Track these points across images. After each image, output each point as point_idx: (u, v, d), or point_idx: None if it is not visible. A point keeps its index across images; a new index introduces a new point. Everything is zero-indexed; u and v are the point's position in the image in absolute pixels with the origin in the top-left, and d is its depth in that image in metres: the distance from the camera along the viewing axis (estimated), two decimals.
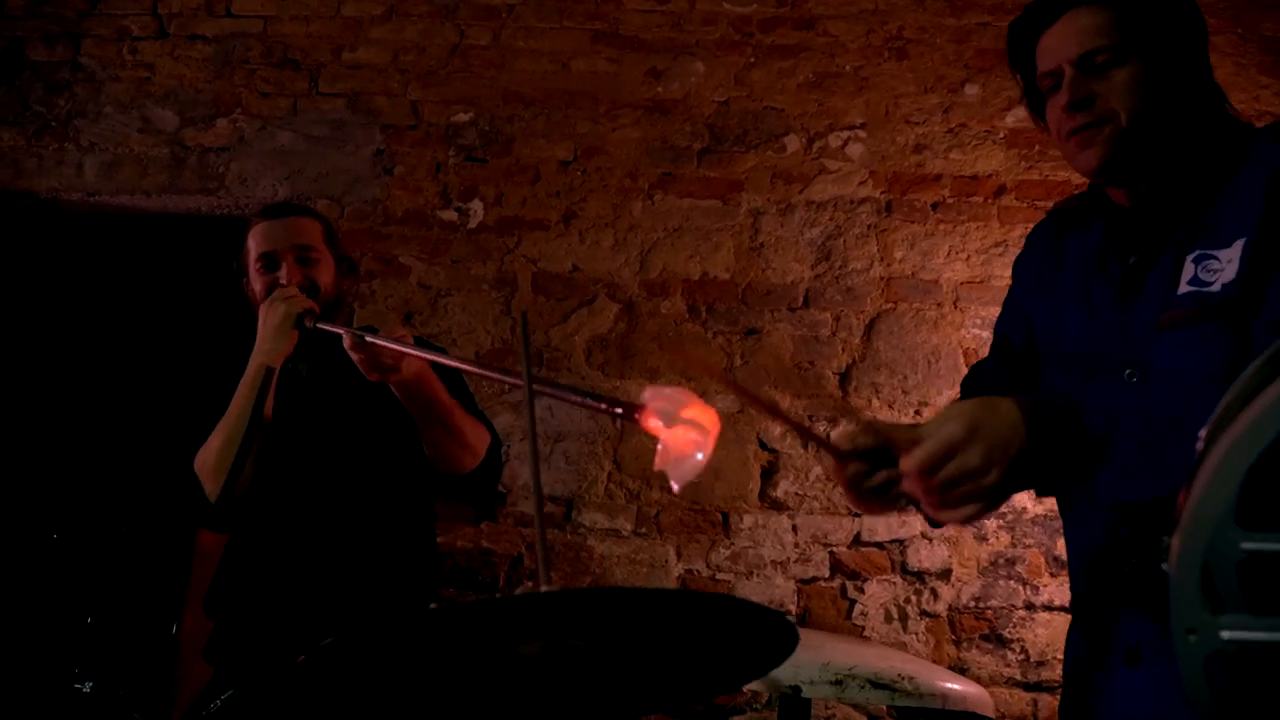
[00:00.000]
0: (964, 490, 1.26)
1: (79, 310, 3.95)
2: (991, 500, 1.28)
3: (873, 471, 1.39)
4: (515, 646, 1.14)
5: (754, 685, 2.52)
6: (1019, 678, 3.11)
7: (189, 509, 2.22)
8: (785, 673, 2.12)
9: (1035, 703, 3.10)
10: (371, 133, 3.55)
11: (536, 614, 1.09)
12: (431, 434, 2.13)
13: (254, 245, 2.23)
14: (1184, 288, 1.35)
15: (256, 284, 2.21)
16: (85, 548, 3.30)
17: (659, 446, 1.23)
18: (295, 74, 3.60)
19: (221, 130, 3.57)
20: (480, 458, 2.20)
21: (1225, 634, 0.61)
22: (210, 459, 2.10)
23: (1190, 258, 1.35)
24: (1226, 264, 1.32)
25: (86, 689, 2.54)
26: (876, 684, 2.11)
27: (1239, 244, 1.31)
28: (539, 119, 3.53)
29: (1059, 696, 3.14)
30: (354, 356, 1.97)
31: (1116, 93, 1.38)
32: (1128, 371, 1.38)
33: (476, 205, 3.48)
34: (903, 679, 2.13)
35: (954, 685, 2.23)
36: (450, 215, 3.47)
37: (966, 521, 1.31)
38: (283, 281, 2.16)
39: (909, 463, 1.28)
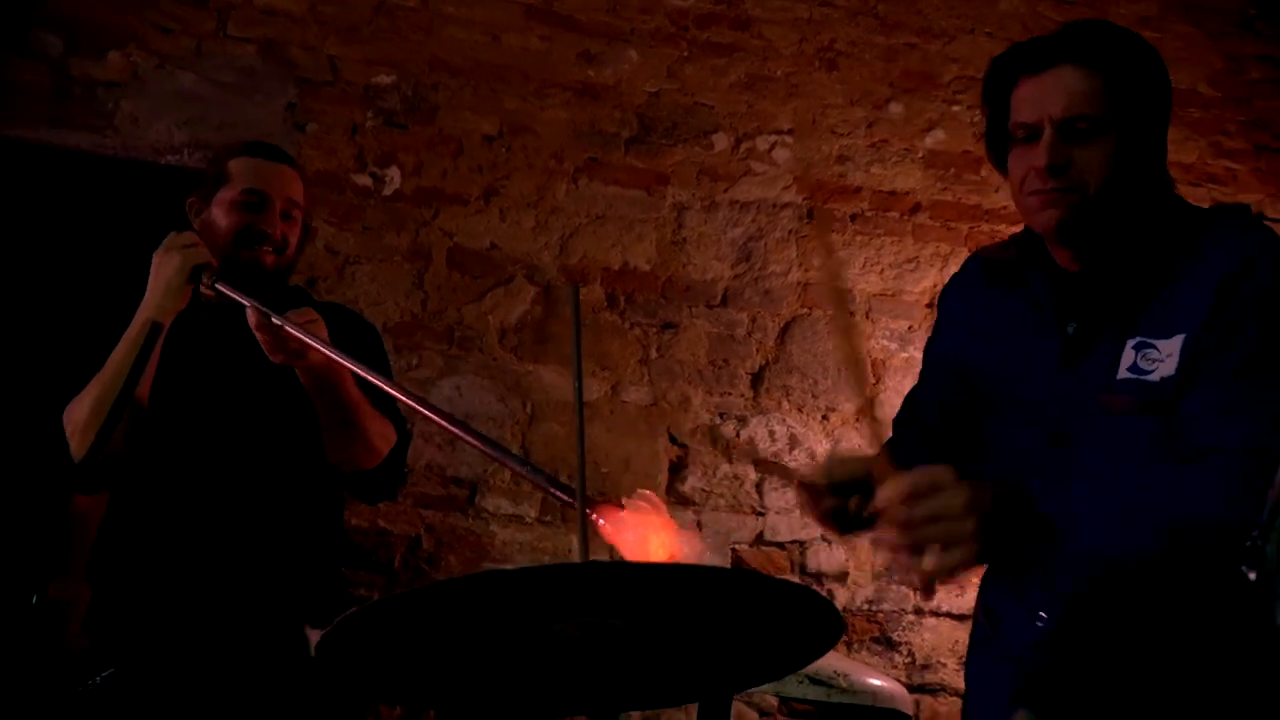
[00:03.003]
0: (942, 530, 1.25)
1: None
2: (970, 551, 1.26)
3: (846, 503, 1.47)
4: (550, 625, 1.16)
5: None
6: (905, 679, 3.31)
7: (51, 468, 2.12)
8: None
9: (918, 704, 3.31)
10: (284, 85, 3.48)
11: (574, 589, 1.11)
12: (332, 428, 2.06)
13: (239, 177, 2.13)
14: (1123, 373, 1.43)
15: (225, 217, 2.11)
16: None
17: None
18: (202, 12, 3.48)
19: (114, 64, 3.41)
20: (381, 458, 2.13)
21: None
22: (79, 416, 2.01)
23: (1131, 343, 1.44)
24: (1166, 357, 1.41)
25: None
26: (814, 680, 2.24)
27: (1179, 339, 1.40)
28: (465, 90, 3.53)
29: (939, 699, 3.37)
30: (258, 336, 1.90)
31: (1091, 164, 1.45)
32: (1056, 437, 1.49)
33: (394, 172, 3.45)
34: (838, 675, 2.27)
35: (881, 683, 2.39)
36: (365, 180, 3.44)
37: (952, 572, 1.28)
38: (267, 230, 2.11)
39: (890, 491, 1.28)
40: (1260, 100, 3.89)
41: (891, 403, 3.45)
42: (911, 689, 3.31)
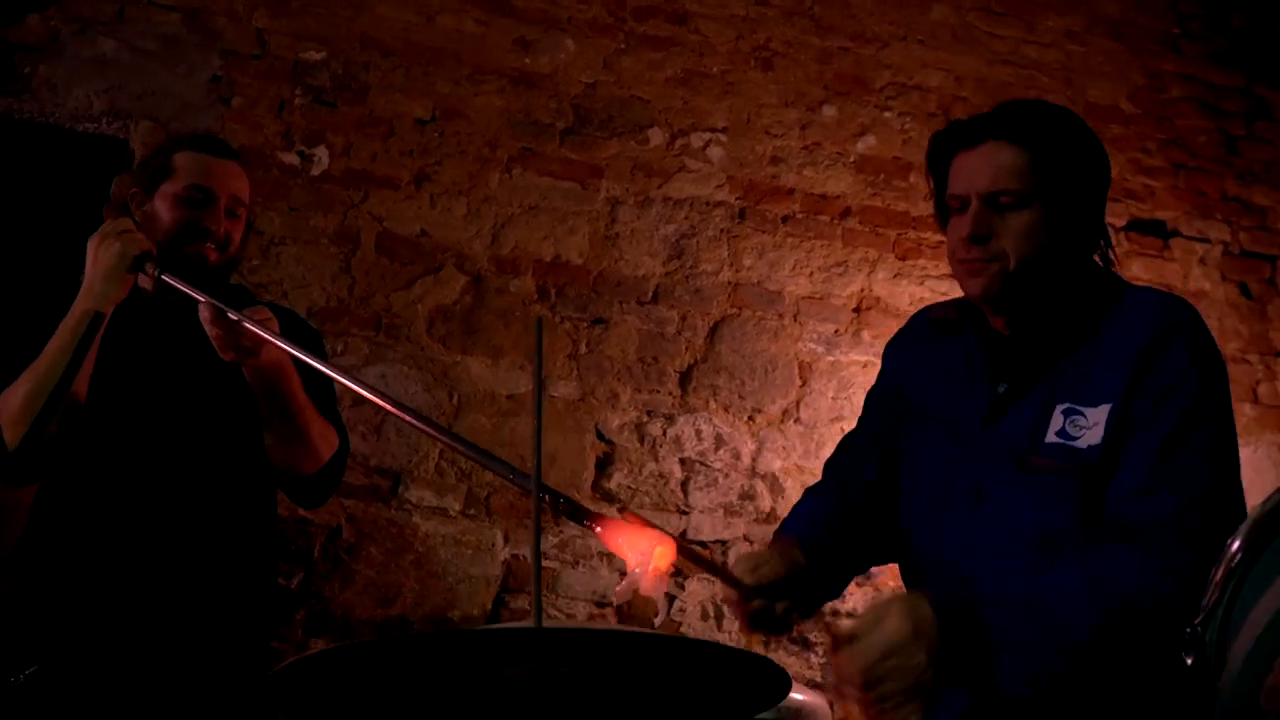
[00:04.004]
0: (903, 692, 1.31)
1: None
2: (929, 691, 1.33)
3: (772, 605, 1.52)
4: (500, 669, 1.18)
5: None
6: (819, 679, 3.40)
7: None
8: None
9: (832, 704, 3.40)
10: (209, 56, 3.40)
11: (525, 646, 1.14)
12: (275, 429, 2.05)
13: (184, 172, 2.11)
14: (1052, 436, 1.51)
15: (169, 212, 2.09)
16: None
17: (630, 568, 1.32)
18: None
19: (32, 26, 3.30)
20: (322, 463, 2.14)
21: None
22: (13, 405, 1.97)
23: (1060, 408, 1.52)
24: (1093, 425, 1.49)
25: None
26: None
27: (1105, 409, 1.48)
28: (397, 71, 3.49)
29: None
30: (210, 331, 1.88)
31: (1011, 235, 1.54)
32: (972, 494, 1.56)
33: (322, 152, 3.40)
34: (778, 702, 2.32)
35: (804, 697, 2.46)
36: (292, 159, 3.38)
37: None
38: (210, 227, 2.07)
39: (849, 662, 1.33)
40: (1180, 119, 4.04)
41: (816, 405, 3.54)
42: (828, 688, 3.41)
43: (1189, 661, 1.00)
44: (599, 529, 1.31)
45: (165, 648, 2.00)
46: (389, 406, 1.55)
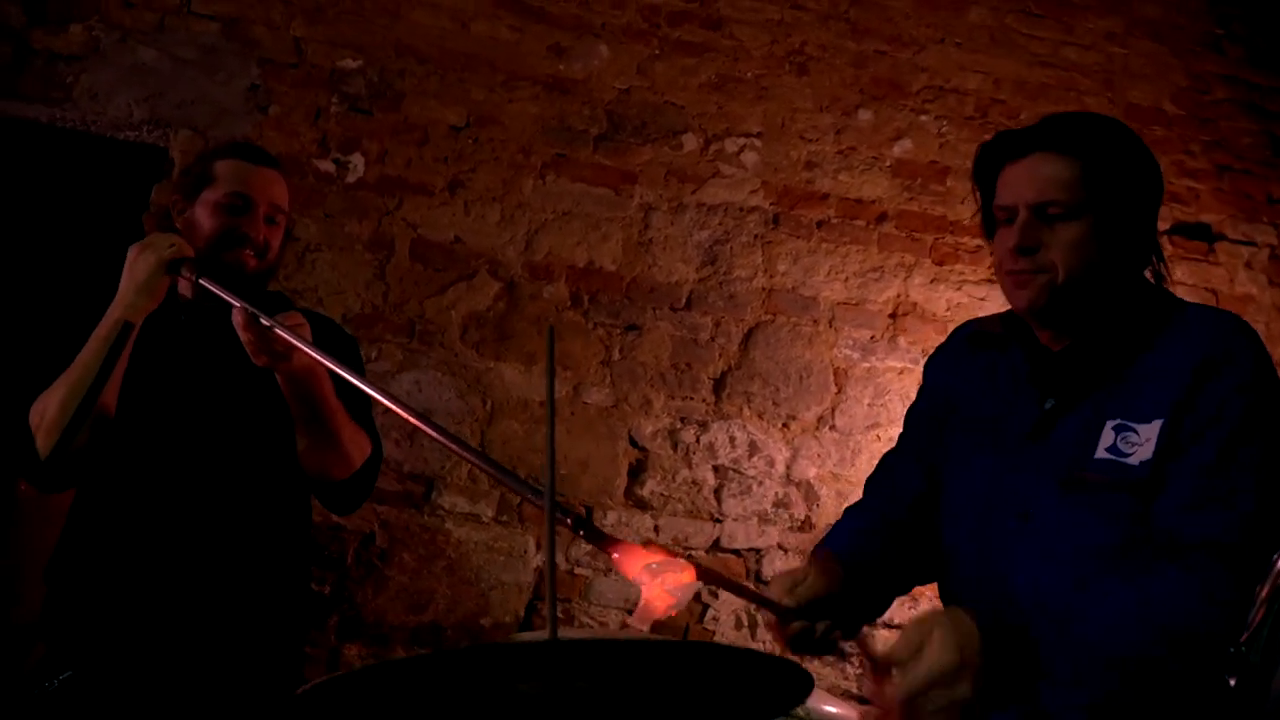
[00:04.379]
0: (952, 715, 1.29)
1: None
2: (977, 715, 1.30)
3: (812, 626, 1.49)
4: (514, 684, 1.17)
5: None
6: (855, 690, 3.38)
7: (15, 462, 2.10)
8: None
9: (867, 715, 3.38)
10: (247, 64, 3.45)
11: (540, 659, 1.13)
12: (307, 434, 2.07)
13: (224, 179, 2.14)
14: (1102, 453, 1.49)
15: (209, 219, 2.12)
16: None
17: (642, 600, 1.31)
18: None
19: (75, 36, 3.37)
20: (354, 469, 2.14)
21: None
22: (46, 413, 2.00)
23: (1111, 425, 1.50)
24: (1144, 442, 1.46)
25: None
26: None
27: (1157, 424, 1.46)
28: (432, 78, 3.52)
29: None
30: (242, 336, 1.90)
31: (1060, 247, 1.52)
32: (1018, 515, 1.54)
33: (357, 159, 3.44)
34: (797, 708, 2.31)
35: (837, 710, 2.44)
36: (328, 166, 3.42)
37: None
38: (250, 234, 2.10)
39: (895, 692, 1.31)
40: (1224, 120, 3.98)
41: (852, 412, 3.53)
42: (862, 700, 3.38)
43: (1232, 683, 0.98)
44: (615, 555, 1.29)
45: (199, 653, 2.02)
46: (409, 416, 1.55)
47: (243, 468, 2.11)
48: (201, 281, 1.97)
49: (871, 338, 3.60)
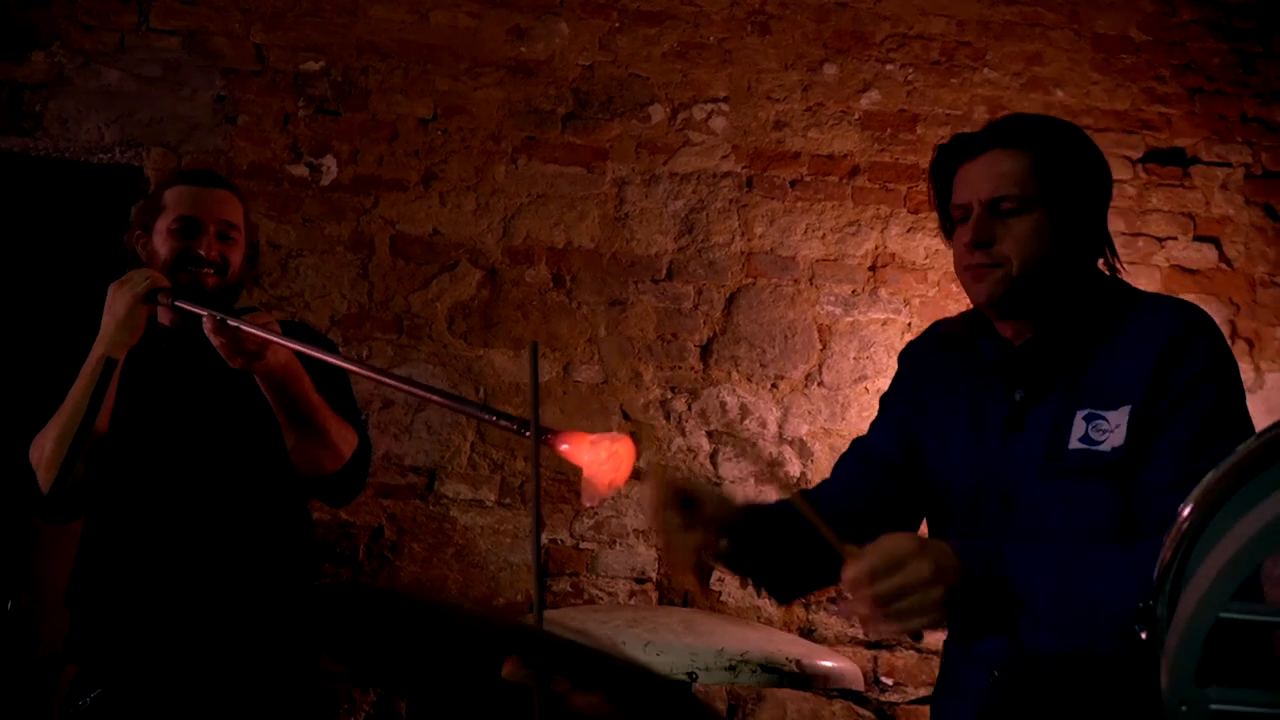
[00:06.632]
0: (911, 602, 1.35)
1: None
2: (938, 616, 1.37)
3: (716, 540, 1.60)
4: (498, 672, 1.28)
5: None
6: (861, 637, 3.52)
7: (21, 498, 2.24)
8: (681, 660, 2.38)
9: (875, 659, 3.53)
10: (211, 76, 3.53)
11: (522, 645, 1.22)
12: (294, 431, 2.18)
13: (173, 206, 2.25)
14: (1075, 443, 1.58)
15: (164, 246, 2.23)
16: None
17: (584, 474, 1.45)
18: (122, 5, 3.52)
19: (38, 64, 3.46)
20: (344, 461, 2.26)
21: (1213, 705, 0.76)
22: (44, 450, 2.14)
23: (1081, 414, 1.58)
24: (1115, 428, 1.55)
25: None
26: (767, 668, 2.41)
27: (1125, 410, 1.55)
28: (396, 73, 3.60)
29: (896, 654, 3.58)
30: (214, 341, 2.02)
31: (1014, 240, 1.60)
32: (1001, 500, 1.63)
33: (330, 161, 3.53)
34: (790, 661, 2.45)
35: (831, 663, 2.58)
36: (301, 171, 3.52)
37: (913, 632, 1.44)
38: (202, 253, 2.22)
39: (855, 569, 1.37)
40: (1193, 42, 4.03)
41: (839, 367, 3.64)
42: (869, 646, 3.52)
43: (1144, 636, 1.05)
44: (565, 446, 1.44)
45: (219, 657, 2.17)
46: (373, 375, 1.88)
47: (238, 475, 2.25)
48: (178, 304, 2.11)
49: (853, 292, 3.69)
